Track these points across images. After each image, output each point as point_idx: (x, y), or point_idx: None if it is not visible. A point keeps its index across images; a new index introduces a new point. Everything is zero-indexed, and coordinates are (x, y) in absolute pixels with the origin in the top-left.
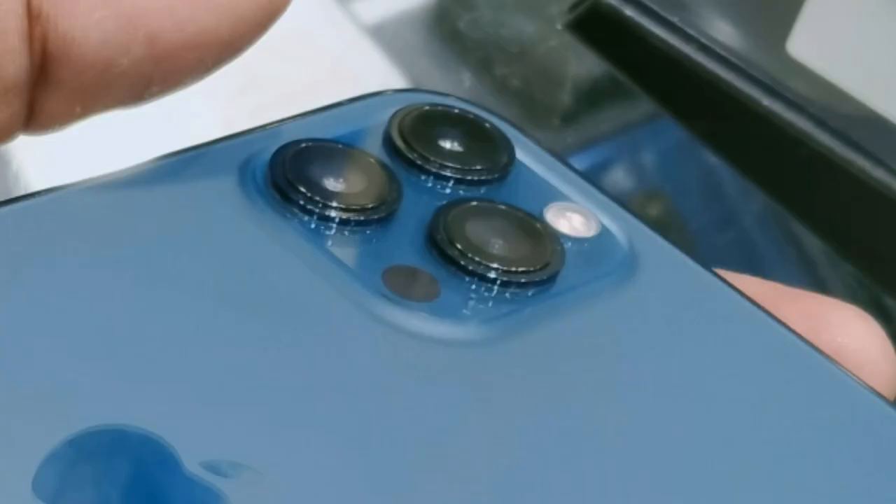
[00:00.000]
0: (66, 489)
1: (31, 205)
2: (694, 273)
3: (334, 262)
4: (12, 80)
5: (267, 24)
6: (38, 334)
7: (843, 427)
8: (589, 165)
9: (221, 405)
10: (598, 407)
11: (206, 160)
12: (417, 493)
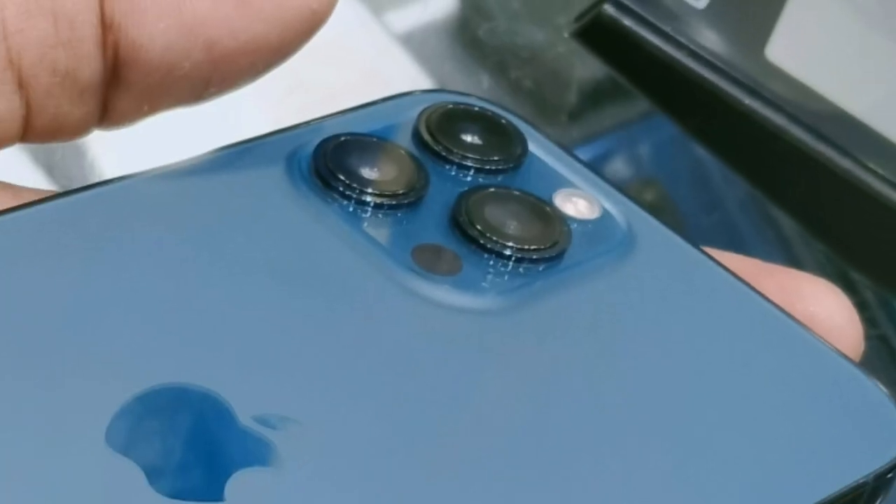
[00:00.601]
0: (135, 441)
1: (106, 190)
2: (684, 250)
3: (369, 240)
4: (88, 82)
5: (310, 33)
6: (113, 304)
7: (813, 382)
8: (592, 156)
9: (270, 365)
10: (599, 365)
11: (257, 152)
12: (443, 441)
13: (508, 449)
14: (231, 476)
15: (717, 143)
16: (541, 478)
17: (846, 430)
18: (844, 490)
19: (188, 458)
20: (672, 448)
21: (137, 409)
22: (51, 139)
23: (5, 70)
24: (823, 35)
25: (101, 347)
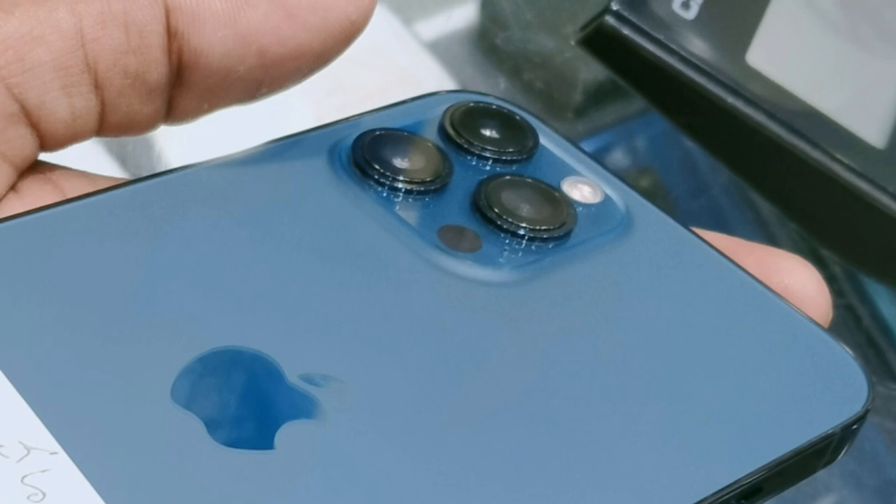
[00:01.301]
0: (196, 396)
1: (172, 177)
2: (675, 230)
3: (400, 222)
4: (155, 84)
5: (349, 41)
6: (178, 277)
7: (787, 345)
8: (595, 148)
9: (315, 330)
10: (601, 329)
11: (303, 144)
12: (467, 395)
13: (524, 400)
14: (280, 428)
15: (703, 137)
16: (551, 424)
17: (817, 387)
18: (816, 439)
19: (242, 412)
20: (664, 400)
21: (198, 369)
22: (123, 133)
23: (83, 73)
24: (797, 42)
25: (168, 315)
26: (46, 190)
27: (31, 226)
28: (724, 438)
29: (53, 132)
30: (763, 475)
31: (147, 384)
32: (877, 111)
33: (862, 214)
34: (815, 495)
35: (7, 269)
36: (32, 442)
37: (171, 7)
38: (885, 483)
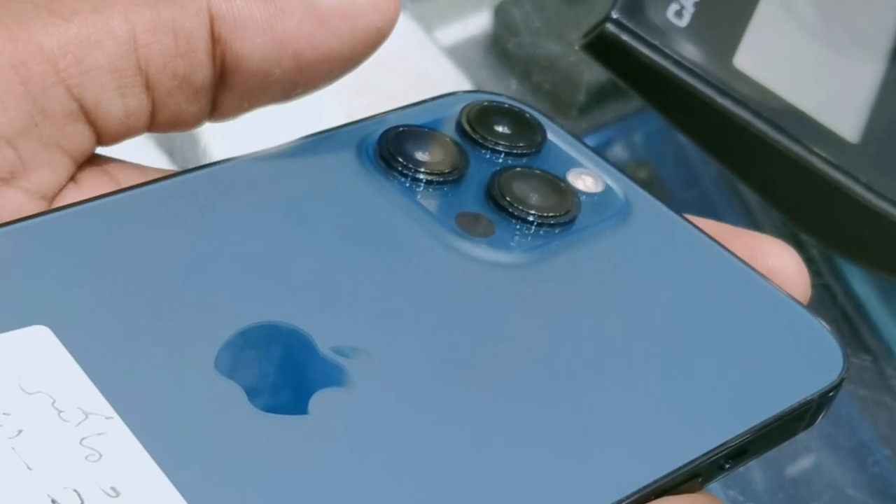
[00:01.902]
0: (238, 366)
1: (215, 169)
2: (669, 217)
3: (421, 209)
4: (200, 85)
5: (375, 46)
6: (222, 259)
7: (770, 320)
8: (597, 143)
9: (344, 306)
10: (603, 305)
11: (334, 139)
12: (483, 365)
13: (533, 369)
14: (313, 395)
15: (695, 133)
16: (558, 390)
17: (797, 358)
18: (797, 405)
19: (279, 381)
20: (660, 368)
21: (239, 342)
22: (171, 130)
23: (135, 75)
24: (780, 47)
25: (211, 292)
26: (102, 181)
27: (89, 213)
28: (714, 404)
29: (109, 128)
30: (748, 438)
31: (193, 355)
32: (851, 109)
33: (837, 203)
34: (795, 456)
35: (68, 251)
36: (90, 408)
37: (215, 15)
38: (859, 445)
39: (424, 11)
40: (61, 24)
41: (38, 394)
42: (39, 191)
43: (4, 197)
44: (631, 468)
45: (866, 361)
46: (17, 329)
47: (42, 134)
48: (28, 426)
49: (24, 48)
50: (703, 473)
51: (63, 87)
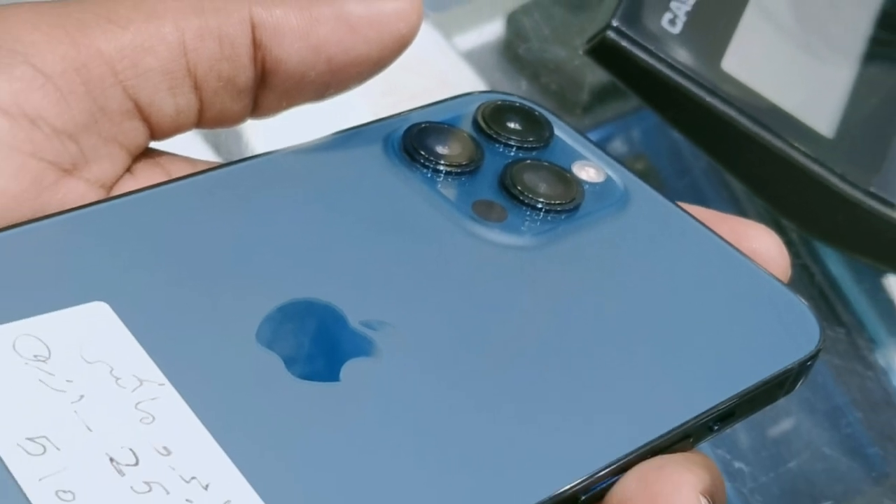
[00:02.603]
0: (277, 337)
1: (257, 161)
2: (663, 204)
3: (441, 197)
4: (243, 86)
5: (400, 51)
6: (263, 242)
7: (753, 297)
8: (599, 138)
9: (372, 284)
10: (604, 282)
11: (363, 135)
12: (497, 337)
13: (541, 340)
14: (344, 364)
15: (686, 129)
16: (564, 359)
17: (778, 331)
18: (778, 372)
19: (313, 351)
20: (656, 340)
21: (278, 316)
22: (217, 126)
23: (185, 77)
24: (763, 52)
25: (252, 271)
26: (155, 172)
27: (144, 201)
28: (704, 372)
29: (161, 125)
30: (735, 402)
31: (236, 328)
32: (827, 107)
33: (815, 192)
34: (777, 418)
35: (125, 235)
36: (144, 375)
37: (257, 23)
38: (833, 408)
39: (444, 20)
40: (118, 31)
41: (97, 363)
42: (99, 181)
43: (68, 186)
44: (631, 429)
45: (840, 334)
46: (80, 305)
47: (101, 130)
48: (89, 392)
49: (86, 53)
50: (694, 434)
51: (120, 88)
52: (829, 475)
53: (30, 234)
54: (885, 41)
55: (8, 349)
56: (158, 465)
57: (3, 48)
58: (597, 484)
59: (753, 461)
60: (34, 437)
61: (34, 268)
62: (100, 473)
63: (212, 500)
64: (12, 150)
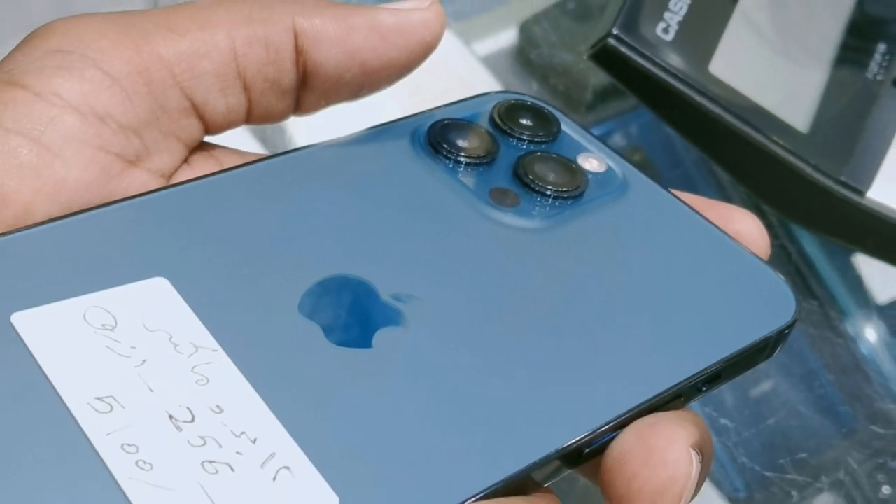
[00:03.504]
0: (316, 309)
1: (299, 153)
2: (658, 192)
3: (462, 185)
4: (287, 86)
5: (425, 56)
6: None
7: (737, 272)
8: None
9: (400, 262)
10: (605, 260)
11: (392, 130)
12: (509, 306)
13: (550, 312)
14: (376, 332)
15: (678, 125)
16: (571, 327)
17: (759, 303)
18: (759, 340)
19: (349, 321)
20: (652, 310)
21: (317, 290)
22: (263, 122)
23: (235, 79)
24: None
25: (295, 251)
26: (209, 163)
27: (199, 188)
28: (693, 339)
29: (214, 121)
30: (721, 366)
31: (281, 300)
32: (802, 106)
33: (791, 180)
34: (757, 381)
35: (182, 218)
36: (199, 342)
37: (299, 32)
38: (808, 372)
39: (464, 28)
40: (177, 39)
41: (158, 331)
42: (159, 171)
43: (132, 176)
44: (629, 389)
45: (814, 306)
46: (142, 280)
47: (162, 126)
48: (150, 357)
49: (148, 58)
50: (685, 394)
51: (178, 89)
52: (804, 431)
53: (99, 218)
54: (853, 47)
55: (79, 319)
56: (212, 422)
57: (75, 53)
58: (599, 438)
59: (737, 418)
60: (102, 397)
61: (102, 247)
62: (160, 429)
63: (259, 452)
64: (83, 144)
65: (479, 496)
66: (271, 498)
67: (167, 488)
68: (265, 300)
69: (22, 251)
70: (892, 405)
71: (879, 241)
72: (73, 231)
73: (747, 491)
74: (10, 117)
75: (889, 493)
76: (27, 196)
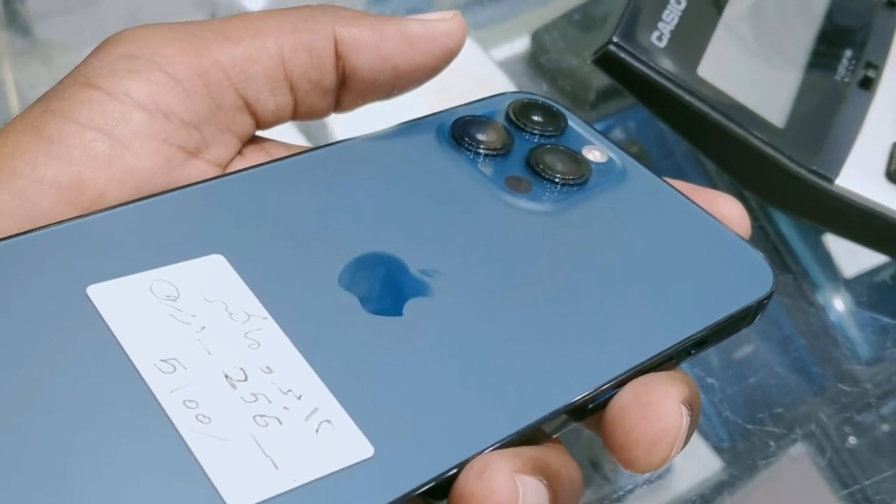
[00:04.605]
0: (354, 282)
1: (339, 146)
2: (653, 179)
3: (481, 174)
4: (328, 88)
5: (449, 61)
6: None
7: (721, 250)
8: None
9: (427, 241)
10: (606, 239)
11: (420, 125)
12: (523, 278)
13: (559, 284)
14: (406, 302)
15: (671, 121)
16: (577, 298)
17: (741, 277)
18: (741, 309)
19: (382, 292)
20: (647, 282)
21: (355, 265)
22: (307, 119)
23: (283, 81)
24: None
25: (336, 231)
26: (260, 154)
27: (252, 176)
28: (683, 308)
29: (264, 118)
30: (708, 332)
31: (322, 275)
32: (778, 104)
33: (769, 169)
34: (740, 345)
35: (236, 202)
36: (251, 311)
37: (338, 39)
38: (784, 337)
39: (483, 36)
40: (231, 46)
41: (215, 302)
42: (216, 161)
43: (192, 166)
44: (627, 353)
45: (789, 279)
46: (201, 257)
47: (218, 122)
48: (208, 324)
49: (206, 62)
50: (676, 357)
51: (233, 90)
52: (780, 389)
53: (163, 202)
54: (823, 53)
55: (146, 291)
56: (262, 381)
57: (143, 58)
58: (601, 395)
59: (722, 378)
60: (167, 359)
61: (166, 228)
62: (217, 387)
63: (303, 407)
64: (150, 138)
65: (497, 445)
66: (314, 447)
67: (223, 439)
68: (309, 274)
69: (96, 232)
70: (857, 366)
71: (846, 222)
72: (140, 214)
73: (731, 441)
74: (87, 115)
75: (855, 443)
76: (101, 183)
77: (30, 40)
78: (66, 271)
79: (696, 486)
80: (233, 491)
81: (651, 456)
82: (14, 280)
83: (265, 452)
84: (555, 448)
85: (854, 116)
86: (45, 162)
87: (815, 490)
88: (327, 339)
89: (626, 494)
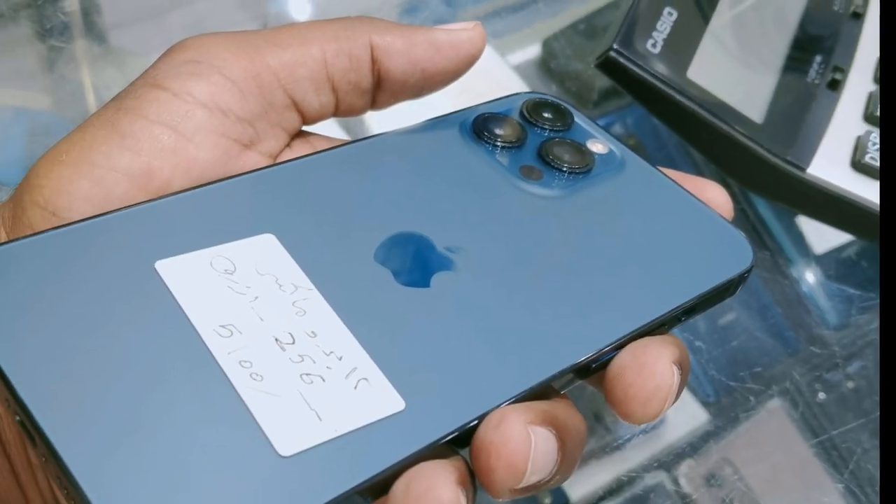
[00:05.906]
0: (388, 257)
1: (374, 139)
2: (648, 168)
3: (498, 164)
4: (365, 88)
5: (470, 65)
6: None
7: (707, 230)
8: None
9: (452, 222)
10: (607, 221)
11: (445, 121)
12: (535, 256)
13: (566, 261)
14: (433, 275)
15: (664, 118)
16: (581, 273)
17: (724, 253)
18: (724, 281)
19: (413, 266)
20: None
21: (388, 243)
22: (347, 116)
23: (326, 83)
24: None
25: (372, 213)
26: (306, 146)
27: (299, 165)
28: (674, 281)
29: (309, 115)
30: (696, 301)
31: (360, 251)
32: (757, 103)
33: (749, 159)
34: (724, 312)
35: (286, 187)
36: (298, 283)
37: (374, 46)
38: (762, 306)
39: (500, 44)
40: (281, 52)
41: (267, 275)
42: (268, 153)
43: (247, 157)
44: (625, 319)
45: (766, 255)
46: (255, 236)
47: (269, 118)
48: (261, 294)
49: (259, 66)
50: (668, 323)
51: (282, 90)
52: (759, 351)
53: (222, 189)
54: (796, 58)
55: (207, 266)
56: (308, 344)
57: (204, 63)
58: (602, 356)
59: (708, 341)
60: (225, 325)
61: (224, 210)
62: (269, 349)
63: (344, 366)
64: (210, 132)
65: (512, 399)
66: (353, 402)
67: (274, 394)
68: (348, 251)
69: (163, 214)
70: (826, 331)
71: (817, 206)
72: (201, 198)
73: (716, 397)
74: (155, 112)
75: (824, 398)
76: (167, 172)
77: (105, 47)
78: (138, 248)
79: (685, 436)
80: (282, 439)
81: (647, 409)
82: (93, 255)
83: (310, 406)
84: (563, 402)
85: (823, 113)
86: (118, 153)
87: (790, 439)
88: (364, 307)
89: (624, 443)
